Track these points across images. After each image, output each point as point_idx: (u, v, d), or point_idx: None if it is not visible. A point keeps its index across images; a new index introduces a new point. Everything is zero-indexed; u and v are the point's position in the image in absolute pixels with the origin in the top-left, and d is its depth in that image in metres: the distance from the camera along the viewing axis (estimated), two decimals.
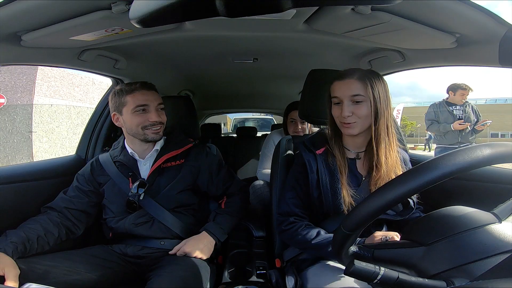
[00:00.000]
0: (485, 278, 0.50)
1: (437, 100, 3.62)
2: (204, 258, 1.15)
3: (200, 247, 1.16)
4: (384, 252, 0.62)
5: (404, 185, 0.51)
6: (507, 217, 0.54)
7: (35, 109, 8.84)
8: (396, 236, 0.86)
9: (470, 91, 3.38)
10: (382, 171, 0.97)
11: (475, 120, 3.45)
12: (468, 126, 3.35)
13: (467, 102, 3.46)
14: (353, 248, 0.62)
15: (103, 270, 1.07)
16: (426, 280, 0.54)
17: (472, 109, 3.46)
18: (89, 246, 1.19)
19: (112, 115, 1.27)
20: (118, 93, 1.23)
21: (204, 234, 1.21)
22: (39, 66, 7.86)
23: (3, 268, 0.86)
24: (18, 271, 0.88)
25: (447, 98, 3.49)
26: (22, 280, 0.87)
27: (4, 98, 8.10)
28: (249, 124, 7.63)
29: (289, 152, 1.30)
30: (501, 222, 0.54)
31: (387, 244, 0.67)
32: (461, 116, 3.40)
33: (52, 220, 1.13)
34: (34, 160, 8.66)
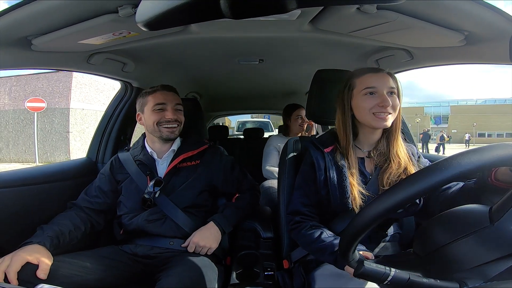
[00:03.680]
0: (499, 279, 0.49)
1: (434, 99, 3.62)
2: (212, 246, 1.20)
3: (207, 235, 1.21)
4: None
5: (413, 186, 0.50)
6: (504, 215, 0.52)
7: (71, 112, 10.60)
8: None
9: None
10: (396, 164, 0.99)
11: None
12: None
13: None
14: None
15: (113, 270, 1.08)
16: (438, 281, 0.53)
17: None
18: (99, 247, 1.21)
19: (136, 115, 1.37)
20: (143, 95, 1.34)
21: (211, 224, 1.26)
22: (73, 75, 10.29)
23: (38, 258, 0.93)
24: (51, 263, 0.95)
25: None
26: (34, 279, 0.89)
27: (44, 102, 9.14)
28: (249, 126, 8.09)
29: (297, 153, 1.29)
30: (493, 224, 0.52)
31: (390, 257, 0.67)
32: None
33: (79, 216, 1.21)
34: (71, 156, 10.23)
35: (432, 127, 41.25)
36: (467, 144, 28.44)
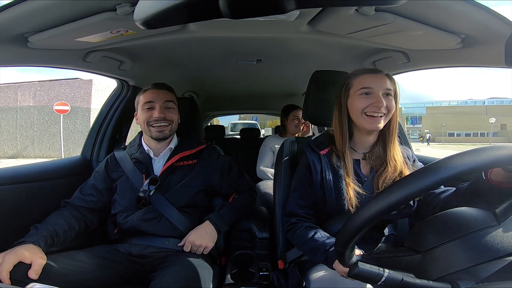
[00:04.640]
0: (491, 280, 0.50)
1: (416, 100, 3.69)
2: (208, 245, 1.19)
3: (202, 234, 1.21)
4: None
5: (407, 188, 0.50)
6: (507, 217, 0.53)
7: (92, 114, 11.70)
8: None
9: None
10: (392, 168, 0.99)
11: None
12: None
13: None
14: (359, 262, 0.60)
15: (107, 270, 1.08)
16: (431, 282, 0.53)
17: None
18: (93, 246, 1.20)
19: (135, 114, 1.37)
20: (138, 94, 1.34)
21: (207, 222, 1.25)
22: (93, 82, 11.95)
23: (32, 258, 0.91)
24: (44, 263, 0.93)
25: None
26: (26, 279, 0.88)
27: (69, 106, 10.73)
28: (240, 127, 8.69)
29: (293, 154, 1.29)
30: (500, 224, 0.53)
31: (384, 253, 0.67)
32: None
33: (73, 215, 1.20)
34: None
35: (408, 127, 43.55)
36: (428, 142, 33.68)
